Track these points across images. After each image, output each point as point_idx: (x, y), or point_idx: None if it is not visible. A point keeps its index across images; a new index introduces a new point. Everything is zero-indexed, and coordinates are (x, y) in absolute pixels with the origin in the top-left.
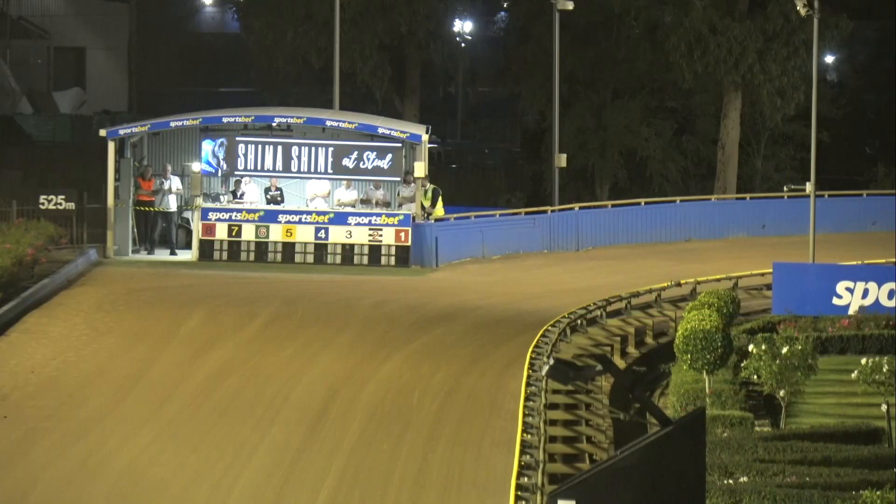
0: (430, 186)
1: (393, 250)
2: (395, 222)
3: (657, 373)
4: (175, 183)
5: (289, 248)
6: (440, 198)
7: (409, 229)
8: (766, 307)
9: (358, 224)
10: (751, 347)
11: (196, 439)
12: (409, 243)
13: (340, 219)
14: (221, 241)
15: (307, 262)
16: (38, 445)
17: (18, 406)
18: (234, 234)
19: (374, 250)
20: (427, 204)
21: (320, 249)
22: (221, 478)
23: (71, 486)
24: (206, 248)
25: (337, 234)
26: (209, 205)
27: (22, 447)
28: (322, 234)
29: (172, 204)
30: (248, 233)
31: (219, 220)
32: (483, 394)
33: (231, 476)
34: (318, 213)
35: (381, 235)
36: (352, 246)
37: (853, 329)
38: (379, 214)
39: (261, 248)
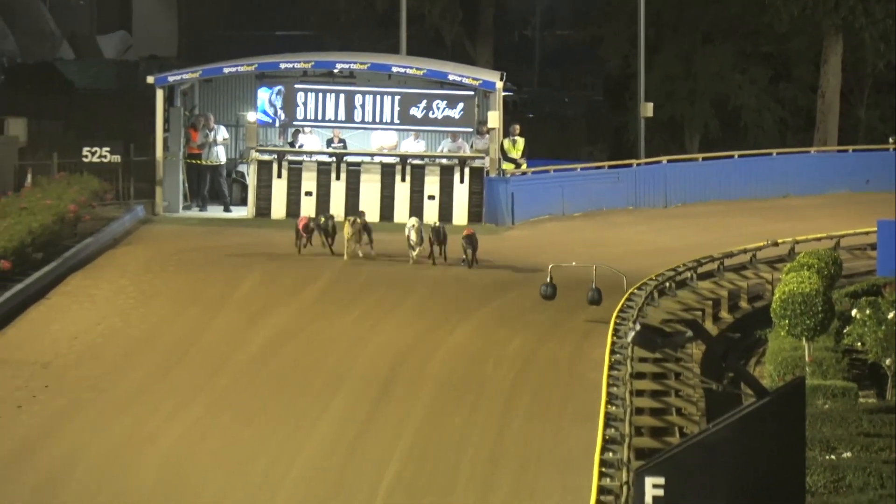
0: (520, 139)
1: (464, 205)
2: (468, 176)
3: (752, 339)
4: (221, 133)
5: (352, 204)
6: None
7: (483, 184)
8: (871, 268)
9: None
10: (854, 312)
11: (251, 411)
12: (483, 199)
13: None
14: (280, 197)
15: (370, 219)
16: (81, 417)
17: (60, 375)
18: (293, 188)
19: (444, 207)
20: (517, 155)
21: (387, 205)
22: (280, 453)
23: (117, 461)
24: (263, 202)
25: (402, 190)
26: (265, 157)
27: (64, 419)
28: (387, 189)
29: (221, 156)
30: (309, 187)
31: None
32: (563, 362)
33: (290, 451)
34: (385, 166)
35: (450, 192)
36: (419, 203)
37: None
38: (450, 167)
39: (323, 202)
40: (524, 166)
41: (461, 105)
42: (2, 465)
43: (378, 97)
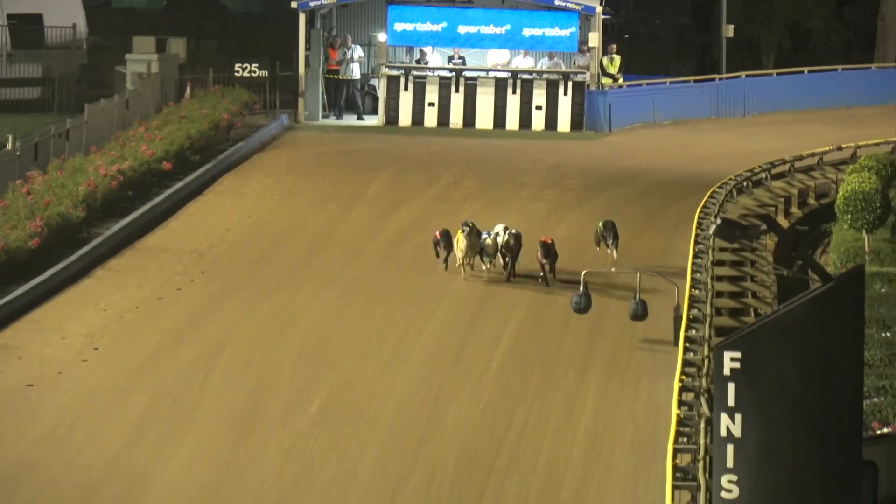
0: (616, 56)
1: (568, 114)
2: (571, 89)
3: (819, 232)
4: (357, 52)
5: (470, 113)
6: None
7: (584, 96)
8: None
9: (536, 90)
10: None
11: (382, 295)
12: (584, 109)
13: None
14: (406, 107)
15: (486, 126)
16: (233, 300)
17: (215, 262)
18: (418, 99)
19: (551, 116)
20: (614, 71)
21: (500, 114)
22: (406, 330)
23: (264, 339)
24: (391, 111)
25: (514, 102)
26: (394, 73)
27: (218, 301)
28: (500, 101)
29: (356, 72)
30: (432, 98)
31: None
32: (655, 251)
33: (416, 329)
34: (498, 80)
35: (556, 103)
36: (528, 112)
37: None
38: (555, 81)
39: (444, 112)
40: (620, 80)
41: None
42: (164, 342)
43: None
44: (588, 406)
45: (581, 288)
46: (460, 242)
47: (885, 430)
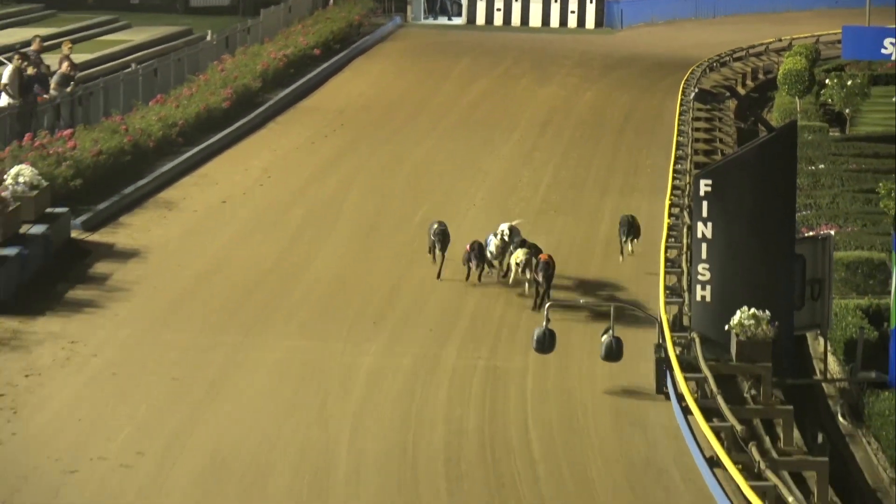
0: None
1: (592, 16)
2: None
3: (766, 97)
4: None
5: (525, 15)
6: None
7: (604, 3)
8: (838, 55)
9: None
10: (827, 81)
11: (464, 143)
12: (604, 12)
13: None
14: (482, 11)
15: (536, 24)
16: (362, 144)
17: (350, 118)
18: (490, 6)
19: (580, 17)
20: None
21: (546, 16)
22: (483, 162)
23: (383, 171)
24: (471, 14)
25: (556, 8)
26: None
27: (352, 145)
28: (546, 7)
29: None
30: (499, 5)
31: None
32: (652, 111)
33: (489, 161)
34: None
35: (584, 8)
36: (565, 15)
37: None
38: None
39: (507, 15)
40: None
41: None
42: (316, 173)
43: None
44: (605, 215)
45: (545, 321)
46: (515, 256)
47: (810, 233)
